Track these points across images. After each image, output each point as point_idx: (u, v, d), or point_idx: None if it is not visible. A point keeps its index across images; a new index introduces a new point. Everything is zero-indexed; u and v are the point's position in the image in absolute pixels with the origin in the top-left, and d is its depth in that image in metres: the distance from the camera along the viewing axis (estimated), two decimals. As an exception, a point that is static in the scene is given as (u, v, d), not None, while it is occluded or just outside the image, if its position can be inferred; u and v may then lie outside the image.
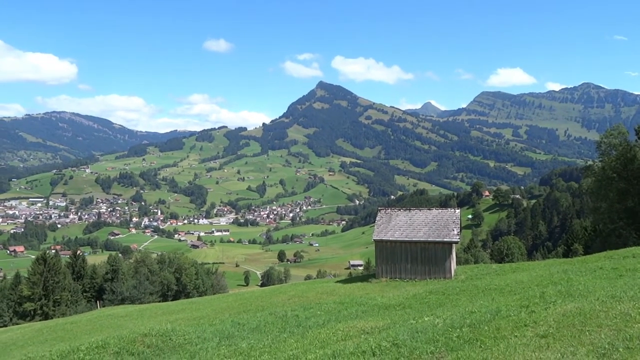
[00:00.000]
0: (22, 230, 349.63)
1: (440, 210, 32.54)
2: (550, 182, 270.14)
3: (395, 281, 30.37)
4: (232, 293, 56.44)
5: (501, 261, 70.20)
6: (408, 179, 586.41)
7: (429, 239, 30.04)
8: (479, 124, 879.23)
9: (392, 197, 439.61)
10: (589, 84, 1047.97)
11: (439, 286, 25.47)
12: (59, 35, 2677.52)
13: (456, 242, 30.45)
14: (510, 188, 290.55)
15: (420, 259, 30.37)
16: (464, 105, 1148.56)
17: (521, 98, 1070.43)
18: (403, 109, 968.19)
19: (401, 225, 31.41)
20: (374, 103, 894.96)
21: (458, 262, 36.67)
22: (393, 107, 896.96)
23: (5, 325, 52.68)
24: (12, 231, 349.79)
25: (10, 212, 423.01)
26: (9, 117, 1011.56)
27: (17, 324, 51.41)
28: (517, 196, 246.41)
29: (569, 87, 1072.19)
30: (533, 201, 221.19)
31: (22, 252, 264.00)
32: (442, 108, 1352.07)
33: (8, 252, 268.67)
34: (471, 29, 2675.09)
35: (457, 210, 32.33)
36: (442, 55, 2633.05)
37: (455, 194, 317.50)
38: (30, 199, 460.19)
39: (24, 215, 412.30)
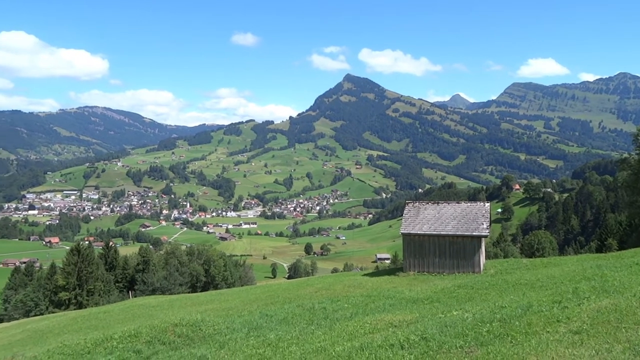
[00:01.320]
0: (57, 222, 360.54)
1: (469, 204, 32.08)
2: (584, 175, 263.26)
3: (423, 275, 30.14)
4: (260, 285, 57.03)
5: (531, 256, 68.81)
6: (436, 172, 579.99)
7: (457, 233, 29.67)
8: (509, 116, 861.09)
9: (420, 190, 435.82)
10: (625, 74, 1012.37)
11: (467, 280, 25.16)
12: (91, 31, 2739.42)
13: (485, 236, 30.00)
14: (542, 181, 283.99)
15: (449, 252, 30.05)
16: (494, 97, 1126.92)
17: (553, 89, 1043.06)
18: (431, 101, 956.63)
19: (429, 218, 31.11)
20: (401, 95, 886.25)
21: (487, 257, 36.17)
22: (421, 99, 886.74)
23: (42, 314, 54.48)
24: (47, 223, 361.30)
25: (46, 204, 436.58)
26: (43, 112, 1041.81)
27: (53, 312, 53.06)
28: (549, 190, 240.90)
29: (603, 77, 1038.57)
30: (565, 195, 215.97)
31: (57, 243, 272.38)
32: (471, 100, 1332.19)
33: (44, 243, 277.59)
34: (501, 19, 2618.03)
35: (487, 204, 31.82)
36: (472, 47, 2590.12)
37: (485, 187, 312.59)
38: (64, 192, 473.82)
39: (58, 208, 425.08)
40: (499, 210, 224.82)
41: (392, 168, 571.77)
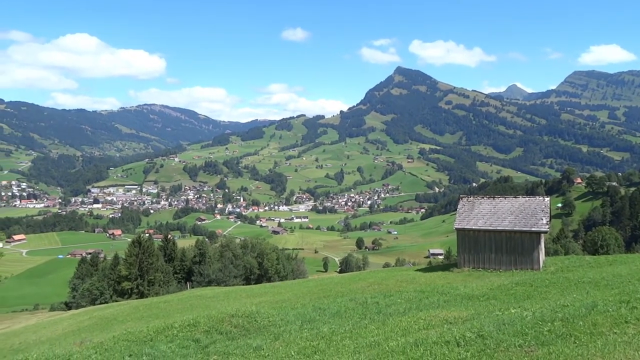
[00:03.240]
0: (119, 215, 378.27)
1: (527, 198, 30.94)
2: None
3: (478, 271, 29.42)
4: (312, 278, 57.49)
5: (595, 253, 65.58)
6: (491, 165, 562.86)
7: (515, 228, 28.72)
8: (570, 106, 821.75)
9: (474, 184, 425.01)
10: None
11: (526, 277, 24.34)
12: (148, 32, 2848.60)
13: (545, 232, 28.86)
14: (606, 175, 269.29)
15: (506, 248, 29.15)
16: (553, 87, 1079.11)
17: (619, 77, 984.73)
18: (486, 92, 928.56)
19: (485, 213, 30.28)
20: (454, 87, 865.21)
21: (547, 253, 34.78)
22: (475, 91, 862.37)
23: (107, 302, 57.31)
24: (110, 216, 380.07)
25: (109, 198, 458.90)
26: (106, 110, 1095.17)
27: (117, 301, 55.73)
28: (614, 183, 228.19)
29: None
30: (632, 189, 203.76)
31: (119, 235, 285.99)
32: (529, 90, 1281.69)
33: (107, 235, 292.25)
34: (560, 4, 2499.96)
35: (546, 198, 30.58)
36: (528, 35, 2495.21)
37: (543, 181, 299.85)
38: (126, 186, 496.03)
39: (120, 201, 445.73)
40: (559, 205, 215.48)
41: (445, 162, 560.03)
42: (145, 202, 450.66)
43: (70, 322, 33.23)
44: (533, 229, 28.29)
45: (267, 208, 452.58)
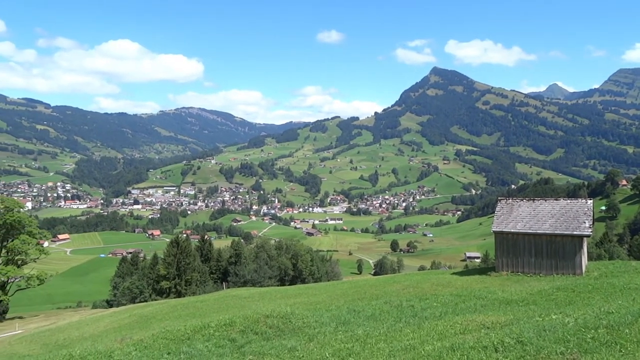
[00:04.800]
0: (158, 215, 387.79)
1: (569, 201, 29.97)
2: None
3: (517, 275, 28.68)
4: (346, 280, 57.37)
5: (641, 258, 62.96)
6: (530, 167, 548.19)
7: (556, 232, 27.85)
8: (614, 106, 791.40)
9: (513, 186, 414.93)
10: None
11: (567, 282, 23.57)
12: (187, 36, 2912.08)
13: (587, 236, 27.88)
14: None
15: (546, 252, 28.31)
16: (597, 86, 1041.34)
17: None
18: (525, 92, 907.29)
19: (524, 216, 29.51)
20: (492, 87, 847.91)
21: (589, 258, 33.66)
22: (513, 90, 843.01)
23: (146, 301, 58.73)
24: (150, 216, 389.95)
25: (148, 199, 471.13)
26: (146, 114, 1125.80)
27: (155, 299, 57.02)
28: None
29: None
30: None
31: (158, 235, 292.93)
32: (570, 90, 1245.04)
33: (147, 235, 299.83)
34: (602, 1, 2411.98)
35: (589, 201, 29.55)
36: (570, 32, 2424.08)
37: (586, 183, 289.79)
38: (164, 188, 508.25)
39: (159, 202, 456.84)
40: (603, 208, 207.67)
41: (483, 163, 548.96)
42: (183, 203, 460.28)
43: (111, 319, 34.21)
44: (575, 233, 27.38)
45: (301, 209, 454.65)
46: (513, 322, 13.48)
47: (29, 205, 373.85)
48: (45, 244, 70.91)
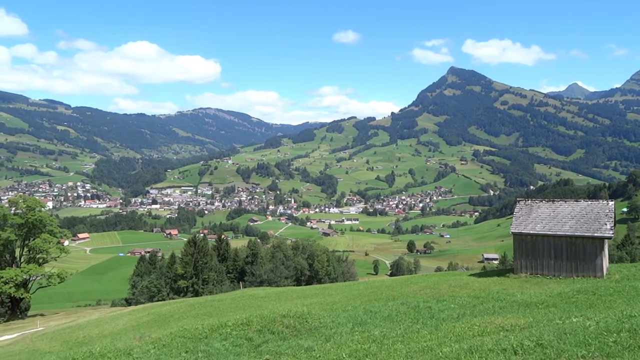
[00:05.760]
0: (176, 215, 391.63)
1: (589, 202, 29.45)
2: None
3: (536, 277, 28.29)
4: (363, 281, 57.21)
5: (665, 261, 61.61)
6: (550, 167, 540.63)
7: (576, 233, 27.39)
8: (637, 105, 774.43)
9: (532, 187, 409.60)
10: None
11: (588, 285, 23.19)
12: (205, 37, 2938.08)
13: (609, 238, 27.37)
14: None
15: (566, 254, 27.86)
16: (618, 85, 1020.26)
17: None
18: (544, 92, 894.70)
19: (543, 217, 29.09)
20: (510, 87, 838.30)
21: (611, 260, 33.04)
22: (532, 90, 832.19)
23: (164, 299, 59.36)
24: (167, 216, 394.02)
25: (166, 199, 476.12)
26: (164, 115, 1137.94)
27: (173, 298, 57.60)
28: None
29: None
30: None
31: (176, 234, 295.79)
32: (591, 89, 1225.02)
33: (165, 234, 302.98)
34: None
35: (610, 202, 29.00)
36: (590, 31, 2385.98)
37: (607, 184, 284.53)
38: (182, 188, 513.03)
39: (177, 202, 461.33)
40: (625, 209, 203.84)
41: (501, 164, 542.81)
42: (200, 203, 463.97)
43: (130, 317, 34.64)
44: (596, 235, 26.90)
45: (317, 210, 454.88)
46: (532, 325, 13.31)
47: (50, 204, 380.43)
48: (66, 242, 72.15)
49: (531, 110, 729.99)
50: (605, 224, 27.16)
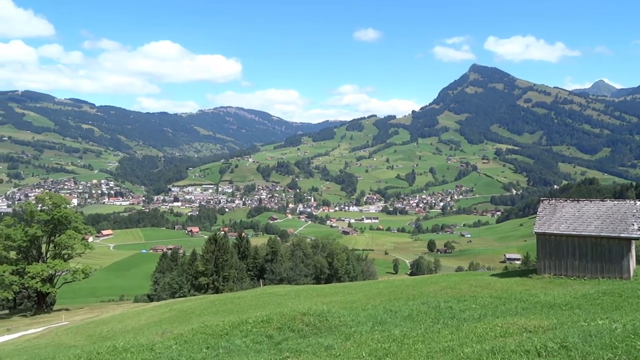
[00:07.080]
0: (197, 213, 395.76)
1: (616, 202, 28.79)
2: None
3: (560, 278, 27.78)
4: (382, 280, 56.99)
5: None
6: (574, 166, 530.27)
7: (601, 234, 26.81)
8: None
9: (556, 186, 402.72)
10: None
11: (614, 287, 22.67)
12: (226, 37, 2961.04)
13: (636, 239, 26.72)
14: None
15: (591, 255, 27.29)
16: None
17: None
18: (569, 89, 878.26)
19: (568, 217, 28.54)
20: (534, 84, 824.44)
21: (638, 261, 32.22)
22: (557, 87, 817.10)
23: (185, 296, 60.11)
24: (189, 214, 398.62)
25: (188, 197, 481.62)
26: (185, 113, 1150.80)
27: (194, 295, 58.25)
28: None
29: None
30: None
31: (197, 232, 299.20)
32: (618, 86, 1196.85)
33: (186, 232, 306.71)
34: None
35: (638, 202, 28.32)
36: (616, 27, 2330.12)
37: (634, 183, 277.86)
38: (203, 186, 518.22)
39: (198, 200, 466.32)
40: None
41: (524, 162, 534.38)
42: (221, 200, 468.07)
43: (152, 313, 35.14)
44: (622, 235, 26.29)
45: (337, 208, 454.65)
46: (557, 327, 13.09)
47: (75, 201, 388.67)
48: (90, 239, 73.61)
49: (555, 108, 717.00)
50: (633, 225, 26.54)
